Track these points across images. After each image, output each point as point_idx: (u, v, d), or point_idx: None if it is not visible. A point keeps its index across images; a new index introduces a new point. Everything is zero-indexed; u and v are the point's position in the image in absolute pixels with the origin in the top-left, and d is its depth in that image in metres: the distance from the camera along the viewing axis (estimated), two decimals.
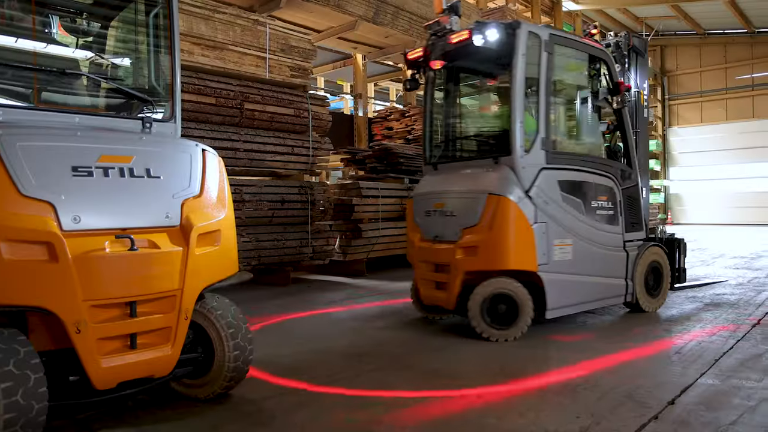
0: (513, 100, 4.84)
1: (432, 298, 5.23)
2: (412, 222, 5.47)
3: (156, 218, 2.90)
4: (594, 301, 5.35)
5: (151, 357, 2.84)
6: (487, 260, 4.75)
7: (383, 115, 11.84)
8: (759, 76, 26.56)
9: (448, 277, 4.94)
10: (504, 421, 2.99)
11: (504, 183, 4.75)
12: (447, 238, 5.00)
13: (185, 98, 6.80)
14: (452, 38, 5.09)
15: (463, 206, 4.96)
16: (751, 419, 2.97)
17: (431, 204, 5.23)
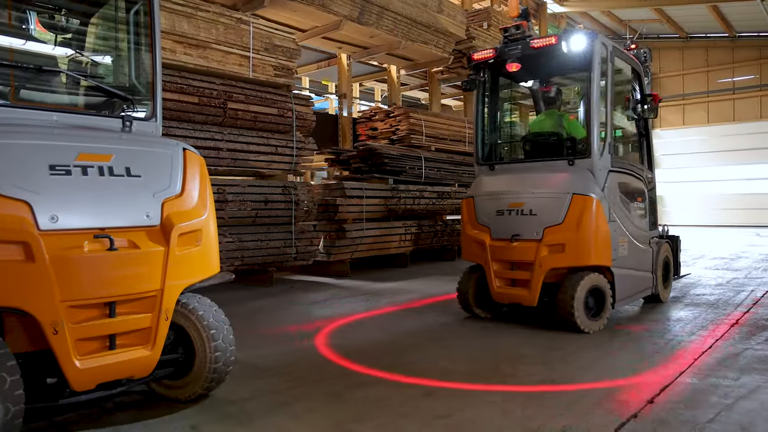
0: (591, 106, 5.15)
1: (509, 296, 5.32)
2: (476, 222, 5.56)
3: (136, 218, 2.87)
4: (638, 293, 5.76)
5: (131, 358, 2.81)
6: (575, 257, 4.97)
7: (368, 115, 11.81)
8: (740, 79, 26.89)
9: (530, 274, 5.08)
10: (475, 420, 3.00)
11: (587, 184, 5.04)
12: (527, 236, 5.13)
13: (167, 97, 6.74)
14: (535, 43, 5.34)
15: (545, 206, 5.12)
16: (728, 417, 3.00)
17: (504, 204, 5.35)
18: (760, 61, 26.27)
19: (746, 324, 5.29)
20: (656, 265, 6.02)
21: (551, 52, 5.31)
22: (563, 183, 5.14)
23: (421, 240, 10.80)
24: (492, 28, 13.09)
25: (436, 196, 11.25)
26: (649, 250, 5.92)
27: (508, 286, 5.33)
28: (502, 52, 5.60)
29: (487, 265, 5.41)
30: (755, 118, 26.35)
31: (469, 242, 5.62)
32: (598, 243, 4.98)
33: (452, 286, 7.90)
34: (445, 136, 11.82)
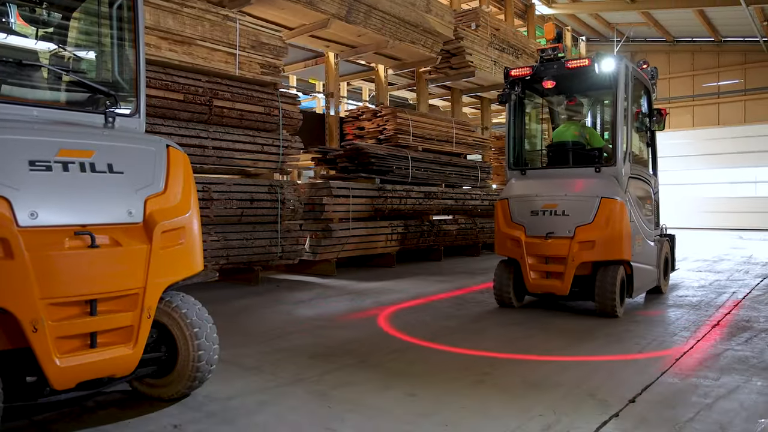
0: (617, 120, 5.93)
1: (543, 287, 5.96)
2: (511, 221, 6.19)
3: (118, 215, 2.84)
4: (648, 284, 6.56)
5: (112, 356, 2.78)
6: (604, 252, 5.66)
7: (355, 114, 11.79)
8: (724, 84, 27.16)
9: (564, 267, 5.75)
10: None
11: (614, 189, 5.79)
12: (560, 234, 5.80)
13: (152, 94, 6.69)
14: (570, 64, 6.10)
15: (576, 207, 5.80)
16: (707, 416, 3.03)
17: (539, 205, 6.02)
18: (745, 66, 26.56)
19: (727, 325, 5.35)
20: (660, 259, 6.80)
21: (583, 72, 6.07)
22: (592, 187, 5.84)
23: (407, 240, 10.81)
24: (480, 28, 13.12)
25: (422, 196, 11.26)
26: (654, 246, 6.66)
27: (543, 278, 5.96)
28: (538, 70, 6.29)
29: (523, 259, 6.00)
30: (739, 122, 26.64)
31: (504, 239, 6.22)
32: (623, 240, 5.66)
33: (440, 286, 8.00)
34: (432, 137, 11.84)
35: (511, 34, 14.43)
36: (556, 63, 6.23)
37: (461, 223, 12.50)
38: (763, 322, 5.45)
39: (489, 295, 7.18)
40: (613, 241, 5.64)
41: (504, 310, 6.20)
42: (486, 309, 6.26)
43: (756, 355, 4.27)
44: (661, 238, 7.06)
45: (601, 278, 5.65)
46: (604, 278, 5.63)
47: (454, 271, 9.92)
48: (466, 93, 14.74)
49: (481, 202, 13.12)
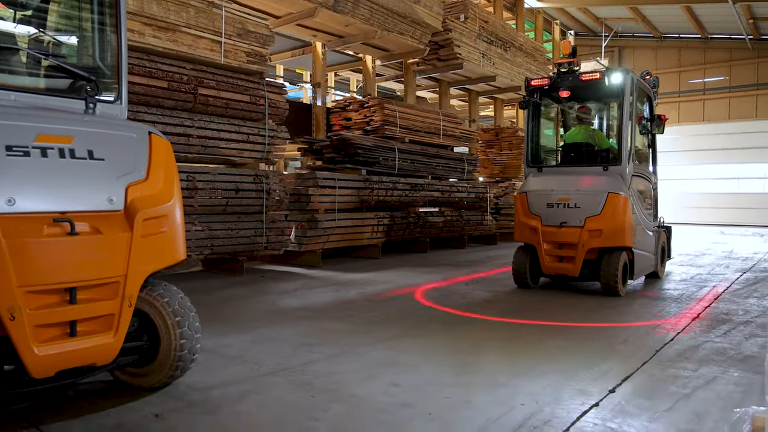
0: (623, 125, 6.75)
1: (556, 269, 6.85)
2: (529, 212, 7.03)
3: (98, 202, 2.81)
4: (647, 269, 7.40)
5: (92, 345, 2.76)
6: (609, 239, 6.50)
7: (342, 105, 11.73)
8: (710, 80, 27.36)
9: (575, 252, 6.60)
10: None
11: (619, 185, 6.60)
12: (572, 223, 6.65)
13: (135, 81, 6.62)
14: (583, 76, 6.96)
15: (586, 201, 6.63)
16: (685, 406, 3.07)
17: (554, 198, 6.85)
18: (730, 63, 26.77)
19: (707, 318, 5.41)
20: (657, 248, 7.65)
21: (594, 83, 6.92)
22: (600, 184, 6.66)
23: (393, 232, 10.81)
24: (469, 21, 13.10)
25: (409, 187, 11.26)
26: (653, 236, 7.52)
27: (556, 261, 6.84)
28: (555, 80, 7.14)
29: (539, 245, 6.87)
30: (724, 119, 26.88)
31: (522, 228, 7.09)
32: (626, 229, 6.50)
33: (425, 277, 8.01)
34: (419, 128, 11.83)
35: (500, 27, 14.43)
36: (571, 75, 7.06)
37: (447, 216, 12.52)
38: (742, 315, 5.52)
39: (474, 287, 7.22)
40: (617, 231, 6.48)
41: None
42: (473, 300, 6.28)
43: (734, 347, 4.32)
44: (659, 229, 7.86)
45: (607, 262, 6.49)
46: (609, 262, 6.48)
47: (440, 263, 9.95)
48: (454, 85, 14.74)
49: (467, 195, 13.15)
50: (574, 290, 7.05)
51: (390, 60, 12.80)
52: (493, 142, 15.74)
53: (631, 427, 2.79)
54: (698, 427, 2.79)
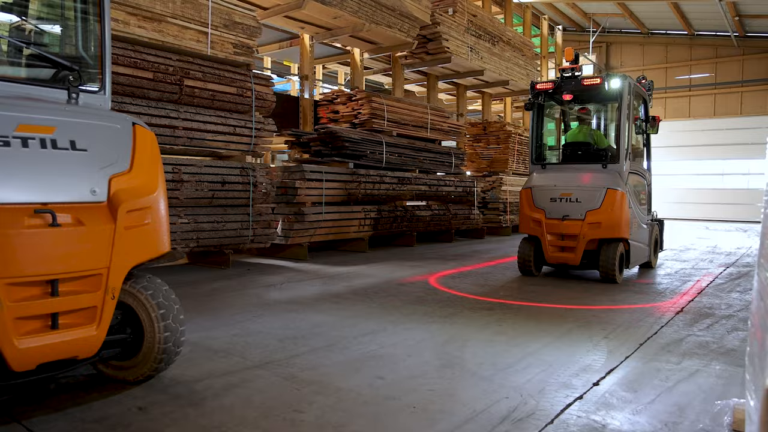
0: (621, 126, 7.28)
1: (558, 258, 7.35)
2: (533, 205, 7.54)
3: (81, 193, 2.78)
4: (641, 259, 7.93)
5: (75, 338, 2.74)
6: (607, 231, 7.02)
7: (329, 98, 11.68)
8: (696, 77, 27.54)
9: (576, 243, 7.14)
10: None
11: (617, 182, 7.12)
12: (574, 217, 7.17)
13: (120, 71, 6.56)
14: (585, 81, 7.47)
15: (587, 196, 7.14)
16: (667, 398, 3.10)
17: (557, 193, 7.35)
18: (716, 60, 26.94)
19: (690, 312, 5.46)
20: (651, 240, 8.21)
21: (595, 87, 7.45)
22: (600, 180, 7.17)
23: (380, 225, 10.81)
24: (457, 14, 13.08)
25: (396, 181, 11.25)
26: (647, 229, 8.04)
27: (559, 251, 7.35)
28: (559, 84, 7.64)
29: (543, 236, 7.39)
30: (709, 115, 27.08)
31: (527, 220, 7.60)
32: (623, 222, 7.01)
33: (412, 271, 8.02)
34: (407, 122, 11.81)
35: (488, 21, 14.42)
36: (573, 80, 7.57)
37: (434, 210, 12.53)
38: (725, 309, 5.57)
39: (460, 281, 7.23)
40: (615, 223, 7.00)
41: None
42: (458, 294, 6.30)
43: (716, 341, 4.36)
44: (652, 223, 8.40)
45: (605, 252, 7.05)
46: (607, 252, 7.04)
47: (427, 256, 9.96)
48: (442, 79, 14.72)
49: (454, 189, 13.16)
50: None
51: (378, 53, 12.75)
52: (480, 137, 15.76)
53: (614, 419, 2.80)
54: (680, 420, 2.81)
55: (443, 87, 15.94)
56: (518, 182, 15.89)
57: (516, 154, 15.67)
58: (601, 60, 29.60)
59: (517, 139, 15.65)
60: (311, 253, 9.65)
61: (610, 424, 2.75)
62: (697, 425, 2.74)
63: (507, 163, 15.34)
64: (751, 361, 1.22)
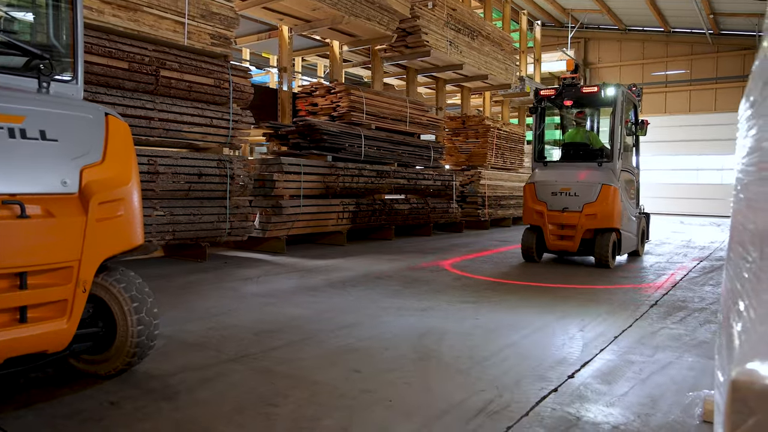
0: (614, 129, 8.14)
1: (558, 246, 8.24)
2: (536, 199, 8.37)
3: (51, 184, 2.72)
4: (630, 248, 8.79)
5: (44, 331, 2.68)
6: (602, 222, 7.89)
7: (308, 90, 11.61)
8: (672, 73, 27.88)
9: (574, 232, 8.02)
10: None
11: (611, 178, 7.97)
12: (572, 209, 8.03)
13: (94, 61, 6.45)
14: (584, 89, 8.40)
15: (584, 190, 7.98)
16: (640, 390, 3.13)
17: (558, 188, 8.20)
18: (691, 57, 27.31)
19: (664, 305, 5.53)
20: (639, 231, 9.08)
21: (593, 95, 8.39)
22: (596, 177, 8.02)
23: (359, 219, 10.79)
24: (437, 8, 13.07)
25: (375, 174, 11.24)
26: (635, 221, 8.88)
27: (559, 239, 8.22)
28: (560, 91, 8.58)
29: (545, 226, 8.27)
30: (684, 111, 27.45)
31: (530, 212, 8.45)
32: (616, 214, 7.88)
33: (390, 264, 8.02)
34: (386, 115, 11.79)
35: (468, 15, 14.44)
36: (573, 88, 8.47)
37: (413, 203, 12.55)
38: (698, 303, 5.65)
39: (438, 274, 7.25)
40: (609, 215, 7.85)
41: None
42: (437, 287, 6.31)
43: (689, 333, 4.43)
44: (640, 215, 9.28)
45: (600, 240, 7.93)
46: (602, 240, 7.91)
47: (405, 250, 9.97)
48: (421, 73, 14.71)
49: (433, 183, 13.19)
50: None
51: (357, 46, 12.71)
52: (459, 131, 15.80)
53: (588, 411, 2.83)
54: (653, 411, 2.84)
55: (422, 81, 15.94)
56: (497, 176, 15.97)
57: (495, 149, 15.73)
58: (579, 55, 29.82)
59: (496, 134, 15.72)
60: (289, 246, 9.62)
61: (584, 417, 2.77)
62: (669, 417, 2.78)
63: (486, 157, 15.39)
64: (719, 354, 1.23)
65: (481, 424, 2.67)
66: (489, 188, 15.44)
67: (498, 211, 15.95)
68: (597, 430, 2.63)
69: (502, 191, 16.23)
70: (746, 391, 0.76)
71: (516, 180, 17.16)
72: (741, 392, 0.77)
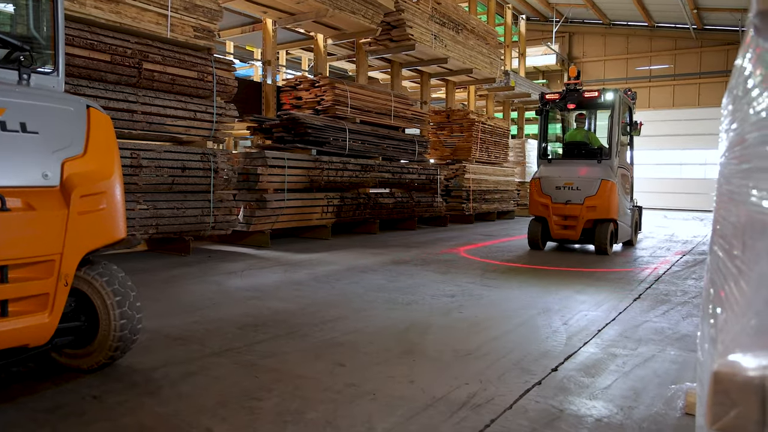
0: (613, 129, 9.07)
1: (562, 235, 9.13)
2: (542, 192, 9.22)
3: (32, 177, 2.69)
4: (625, 238, 9.61)
5: (25, 325, 2.65)
6: (601, 213, 8.78)
7: (292, 84, 11.55)
8: (656, 68, 28.10)
9: (576, 222, 8.91)
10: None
11: (609, 174, 8.87)
12: (574, 201, 8.90)
13: (76, 53, 6.37)
14: (585, 94, 9.28)
15: (585, 185, 8.87)
16: (623, 383, 3.16)
17: (561, 182, 9.05)
18: (675, 52, 27.52)
19: (647, 299, 5.58)
20: (633, 222, 10.05)
21: (593, 98, 9.23)
22: (595, 173, 8.90)
23: (343, 212, 10.78)
24: (422, 2, 13.05)
25: (359, 168, 11.23)
26: (630, 213, 9.81)
27: (562, 229, 9.09)
28: (564, 95, 9.46)
29: (549, 217, 9.14)
30: (668, 106, 27.68)
31: (536, 204, 9.29)
32: (613, 206, 8.77)
33: (375, 258, 8.02)
34: (370, 109, 11.77)
35: (453, 9, 14.44)
36: (576, 92, 9.35)
37: (398, 197, 12.55)
38: (680, 296, 5.71)
39: (422, 268, 7.26)
40: (607, 207, 8.72)
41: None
42: (420, 281, 6.32)
43: (671, 327, 4.47)
44: (633, 208, 10.17)
45: (599, 230, 8.83)
46: (601, 230, 8.82)
47: (390, 244, 9.97)
48: (406, 66, 14.70)
49: (417, 176, 13.20)
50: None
51: (342, 39, 12.66)
52: (444, 125, 15.81)
53: (571, 404, 2.85)
54: (636, 404, 2.87)
55: (407, 74, 15.92)
56: (481, 170, 16.02)
57: (479, 143, 15.77)
58: (563, 50, 29.96)
59: (480, 128, 15.76)
60: (273, 240, 9.58)
61: (567, 409, 2.79)
62: (652, 409, 2.81)
63: (470, 152, 15.43)
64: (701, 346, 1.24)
65: (465, 416, 2.68)
66: (473, 182, 15.49)
67: (483, 206, 16.01)
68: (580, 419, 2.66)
69: (487, 185, 16.29)
70: (728, 383, 0.77)
71: (500, 174, 17.22)
72: (723, 384, 0.78)
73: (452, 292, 5.75)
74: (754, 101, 0.99)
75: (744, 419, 0.76)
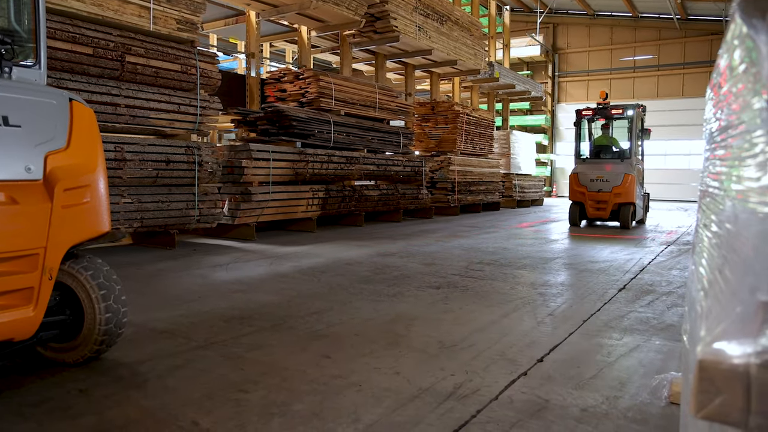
0: (632, 136, 12.30)
1: (595, 215, 12.04)
2: (579, 183, 12.22)
3: (14, 171, 2.66)
4: (638, 217, 12.74)
5: (10, 319, 2.63)
6: (625, 198, 11.77)
7: (276, 76, 11.48)
8: (640, 59, 28.25)
9: (606, 206, 11.86)
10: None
11: (630, 170, 11.83)
12: (605, 190, 11.88)
13: (58, 46, 6.29)
14: (612, 111, 12.40)
15: (612, 178, 11.82)
16: (609, 373, 3.19)
17: (594, 176, 12.01)
18: (659, 42, 27.69)
19: (632, 289, 5.63)
20: (644, 205, 13.30)
21: (618, 114, 12.39)
22: (620, 169, 11.89)
23: (328, 205, 10.77)
24: None
25: (344, 160, 11.21)
26: (642, 199, 12.98)
27: (596, 210, 12.01)
28: (596, 111, 12.59)
29: (586, 202, 12.12)
30: (652, 96, 27.86)
31: (575, 192, 12.32)
32: (633, 193, 11.78)
33: (360, 250, 8.02)
34: (355, 101, 11.75)
35: (437, 0, 14.41)
36: (605, 109, 12.47)
37: (383, 189, 12.55)
38: (665, 286, 5.77)
39: (408, 260, 7.28)
40: (629, 194, 11.75)
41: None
42: (408, 272, 6.34)
43: (656, 317, 4.52)
44: (644, 195, 13.38)
45: (623, 211, 11.83)
46: (624, 211, 11.82)
47: (375, 236, 9.98)
48: (390, 58, 14.67)
49: (403, 168, 13.20)
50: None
51: (326, 31, 12.61)
52: (429, 116, 15.82)
53: (557, 394, 2.88)
54: (621, 393, 2.91)
55: (392, 66, 15.89)
56: (466, 162, 16.05)
57: (464, 134, 15.80)
58: (548, 41, 30.05)
59: (465, 119, 15.78)
60: (259, 233, 9.56)
61: (552, 399, 2.82)
62: (637, 399, 2.84)
63: (455, 143, 15.45)
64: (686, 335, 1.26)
65: (451, 407, 2.70)
66: (459, 174, 15.52)
67: (468, 197, 16.05)
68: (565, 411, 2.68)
69: (472, 177, 16.33)
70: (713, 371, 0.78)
71: (486, 166, 17.27)
72: (708, 372, 0.79)
73: (438, 283, 5.77)
74: (738, 91, 1.01)
75: (728, 407, 0.77)
